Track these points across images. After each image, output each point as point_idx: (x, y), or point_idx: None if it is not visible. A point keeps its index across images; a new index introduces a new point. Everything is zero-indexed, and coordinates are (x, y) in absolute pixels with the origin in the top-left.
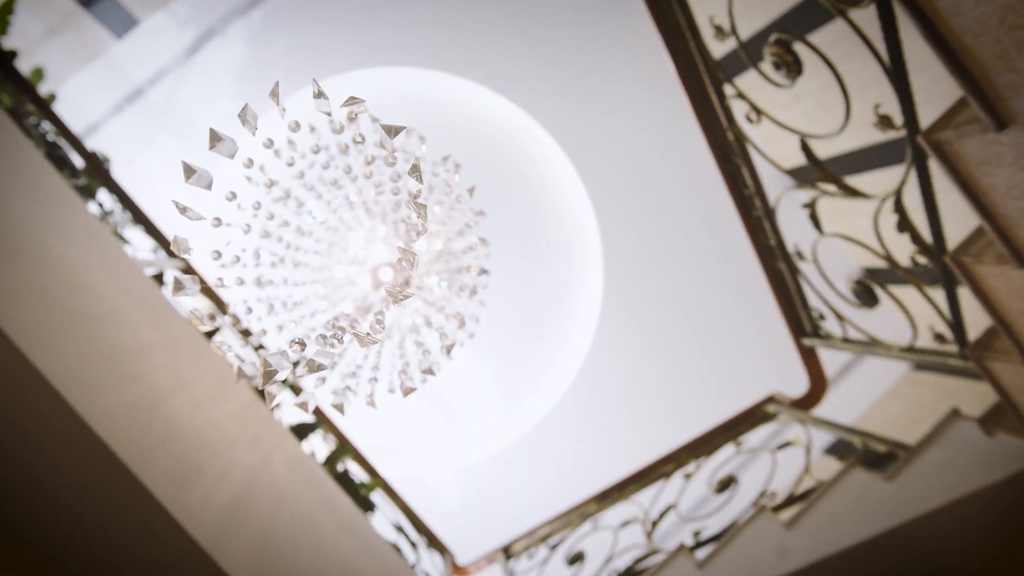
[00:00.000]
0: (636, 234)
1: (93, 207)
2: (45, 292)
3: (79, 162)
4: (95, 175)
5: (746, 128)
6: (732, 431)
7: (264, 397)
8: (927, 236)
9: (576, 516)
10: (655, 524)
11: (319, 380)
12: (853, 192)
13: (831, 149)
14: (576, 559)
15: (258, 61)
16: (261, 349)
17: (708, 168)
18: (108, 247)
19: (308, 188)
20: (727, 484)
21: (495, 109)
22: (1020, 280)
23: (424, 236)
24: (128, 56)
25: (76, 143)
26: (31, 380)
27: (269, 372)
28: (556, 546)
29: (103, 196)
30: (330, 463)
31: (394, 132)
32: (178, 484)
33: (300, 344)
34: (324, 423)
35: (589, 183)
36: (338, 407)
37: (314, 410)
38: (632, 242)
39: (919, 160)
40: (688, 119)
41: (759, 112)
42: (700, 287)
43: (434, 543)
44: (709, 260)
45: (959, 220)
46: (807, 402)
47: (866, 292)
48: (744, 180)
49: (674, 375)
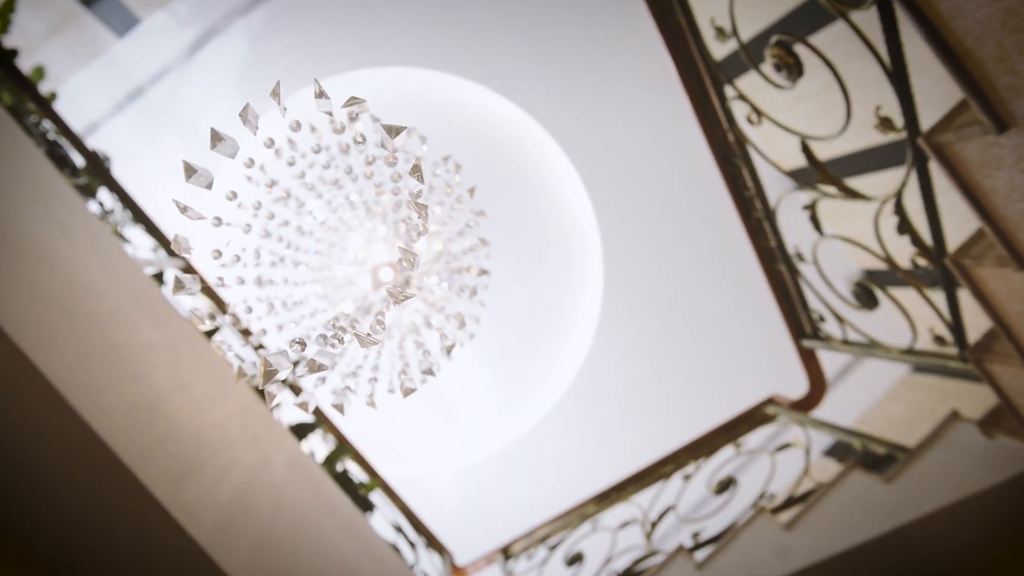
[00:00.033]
0: (636, 234)
1: (93, 206)
2: (45, 291)
3: (80, 161)
4: (96, 174)
5: (747, 129)
6: (731, 432)
7: (264, 397)
8: (927, 238)
9: (575, 517)
10: (654, 525)
11: (319, 380)
12: (853, 194)
13: (832, 151)
14: (575, 560)
15: (259, 60)
16: (261, 349)
17: (708, 169)
18: (108, 246)
19: (309, 188)
20: (726, 485)
21: (495, 109)
22: (1020, 283)
23: (425, 236)
24: (129, 55)
25: (77, 142)
26: (31, 379)
27: (269, 372)
28: (555, 547)
29: (103, 195)
30: (329, 463)
31: (395, 132)
32: (178, 484)
33: (300, 344)
34: (323, 423)
35: (589, 183)
36: (338, 407)
37: (314, 410)
38: (632, 242)
39: (920, 162)
40: (688, 120)
41: (760, 113)
42: (700, 288)
43: (433, 543)
44: (709, 261)
45: (959, 222)
46: (806, 404)
47: (866, 294)
48: (744, 181)
49: (673, 376)
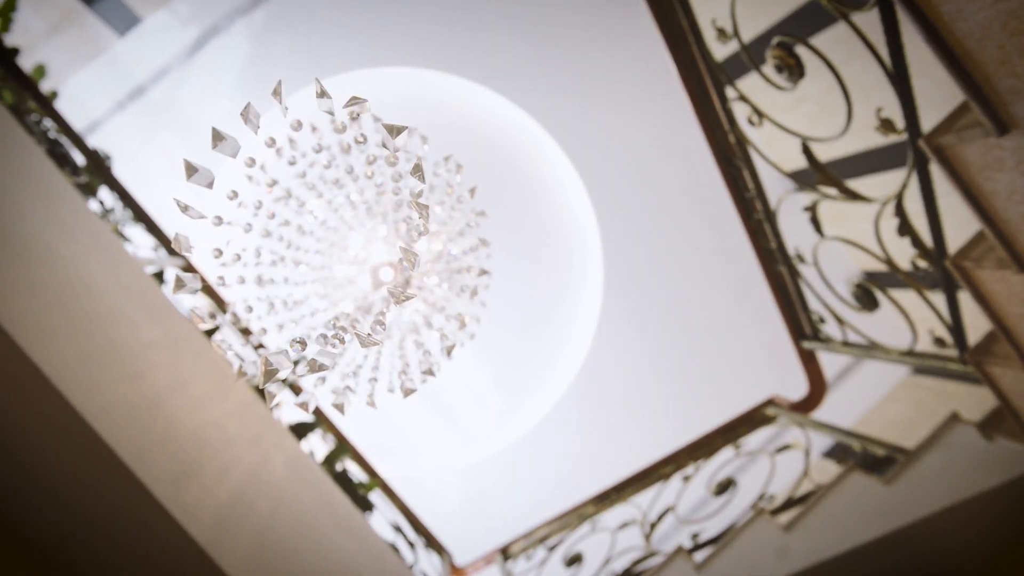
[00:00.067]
0: (636, 235)
1: (94, 205)
2: (45, 290)
3: (80, 160)
4: (96, 173)
5: (748, 131)
6: (731, 433)
7: (264, 396)
8: (928, 240)
9: (574, 517)
10: (653, 526)
11: (319, 380)
12: (854, 195)
13: (832, 152)
14: (574, 560)
15: (260, 60)
16: (261, 348)
17: (709, 170)
18: (109, 245)
19: (309, 187)
20: (726, 487)
21: (495, 109)
22: (1020, 285)
23: (425, 236)
24: (130, 54)
25: (77, 141)
26: (31, 378)
27: (270, 371)
28: (554, 547)
29: (104, 194)
30: (329, 463)
31: (396, 132)
32: (177, 483)
33: (301, 343)
34: (323, 422)
35: (589, 183)
36: (338, 407)
37: (313, 410)
38: (632, 243)
39: (920, 164)
40: (689, 119)
41: (761, 115)
42: (700, 289)
43: (432, 543)
44: (709, 262)
45: (960, 224)
46: (806, 405)
47: (866, 295)
48: (745, 183)
49: (673, 377)
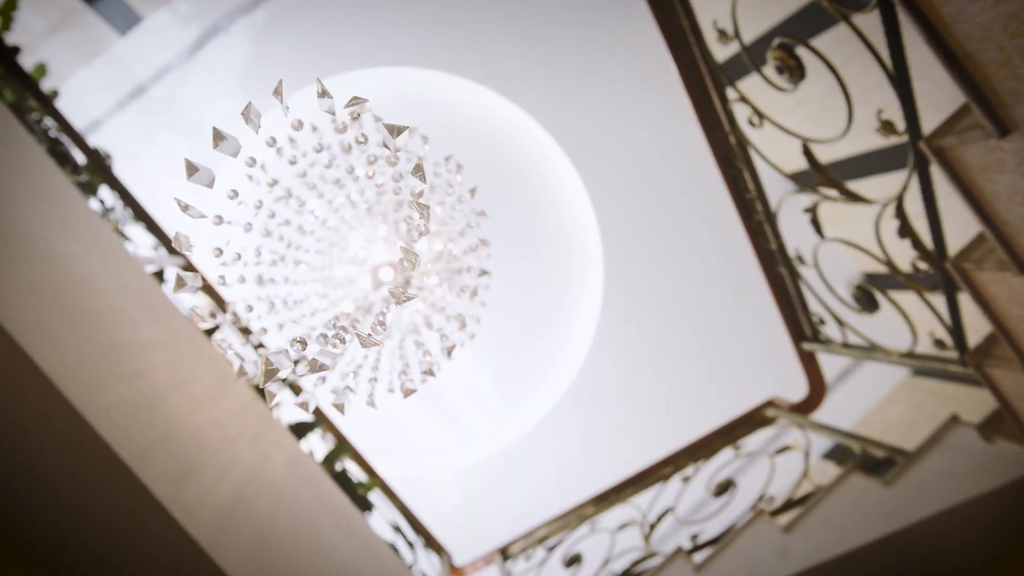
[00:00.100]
0: (636, 235)
1: (94, 204)
2: (46, 288)
3: (81, 158)
4: (97, 172)
5: (748, 132)
6: (731, 435)
7: (264, 396)
8: (928, 242)
9: (574, 518)
10: (653, 527)
11: (319, 379)
12: (855, 197)
13: (833, 154)
14: (573, 561)
15: (261, 59)
16: (261, 348)
17: (709, 170)
18: (109, 244)
19: (310, 187)
20: (725, 488)
21: (495, 109)
22: (1021, 287)
23: (426, 236)
24: (131, 53)
25: (78, 139)
26: (31, 377)
27: (270, 370)
28: (553, 548)
29: (105, 193)
30: (328, 462)
31: (397, 132)
32: (177, 483)
33: (301, 343)
34: (323, 422)
35: (589, 183)
36: (338, 407)
37: (313, 410)
38: (632, 243)
39: (921, 166)
40: (689, 119)
41: (761, 116)
42: (700, 289)
43: (431, 543)
44: (709, 262)
45: (960, 226)
46: (806, 406)
47: (866, 297)
48: (746, 184)
49: (673, 378)
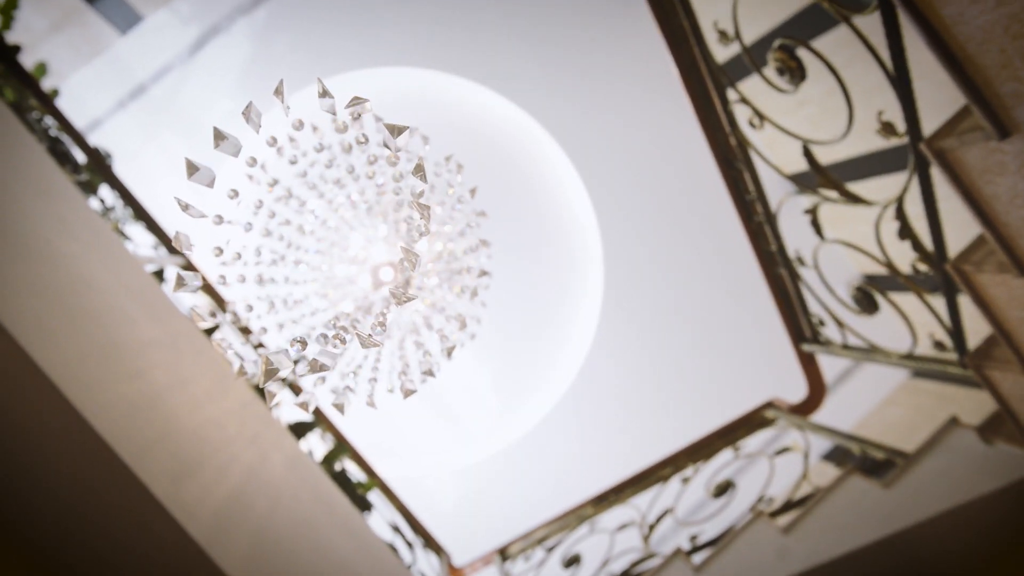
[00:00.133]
0: (636, 235)
1: (95, 203)
2: (46, 287)
3: (81, 158)
4: (97, 171)
5: (749, 133)
6: (730, 436)
7: (263, 395)
8: (928, 244)
9: (573, 519)
10: (652, 528)
11: (319, 379)
12: (855, 198)
13: (833, 155)
14: (572, 562)
15: (261, 59)
16: (261, 347)
17: (709, 171)
18: (109, 243)
19: (310, 187)
20: (725, 489)
21: (495, 109)
22: (1021, 289)
23: (426, 237)
24: (132, 52)
25: (78, 139)
26: (31, 376)
27: (270, 370)
28: (552, 548)
29: (105, 192)
30: (328, 462)
31: (397, 132)
32: (177, 482)
33: (301, 343)
34: (322, 422)
35: (589, 183)
36: (338, 407)
37: (313, 410)
38: (632, 243)
39: (921, 167)
40: (689, 120)
41: (762, 117)
42: (700, 290)
43: (430, 544)
44: (709, 263)
45: (960, 228)
46: (806, 408)
47: (866, 299)
48: (746, 185)
49: (673, 378)
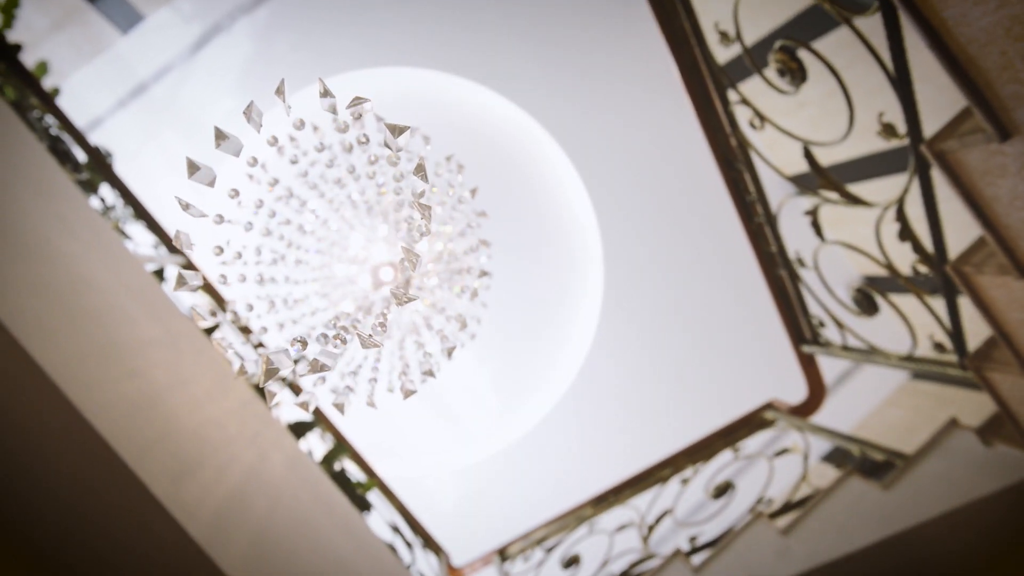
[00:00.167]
0: (636, 236)
1: (95, 202)
2: (46, 287)
3: (82, 157)
4: (98, 170)
5: (749, 134)
6: (730, 437)
7: (263, 395)
8: (928, 245)
9: (572, 519)
10: (651, 529)
11: (319, 379)
12: (855, 200)
13: (834, 156)
14: (571, 562)
15: (262, 59)
16: (261, 347)
17: (710, 171)
18: (109, 242)
19: (311, 187)
20: (724, 490)
21: (495, 109)
22: (1021, 291)
23: (426, 237)
24: (133, 51)
25: (79, 137)
26: (31, 375)
27: (270, 370)
28: (552, 549)
29: (105, 191)
30: (327, 462)
31: (398, 131)
32: (176, 482)
33: (302, 342)
34: (322, 422)
35: (589, 183)
36: (339, 406)
37: (313, 410)
38: (632, 244)
39: (922, 169)
40: (690, 120)
41: (763, 118)
42: (700, 291)
43: (430, 544)
44: (710, 264)
45: (961, 230)
46: (805, 409)
47: (866, 300)
48: (746, 186)
49: (672, 379)
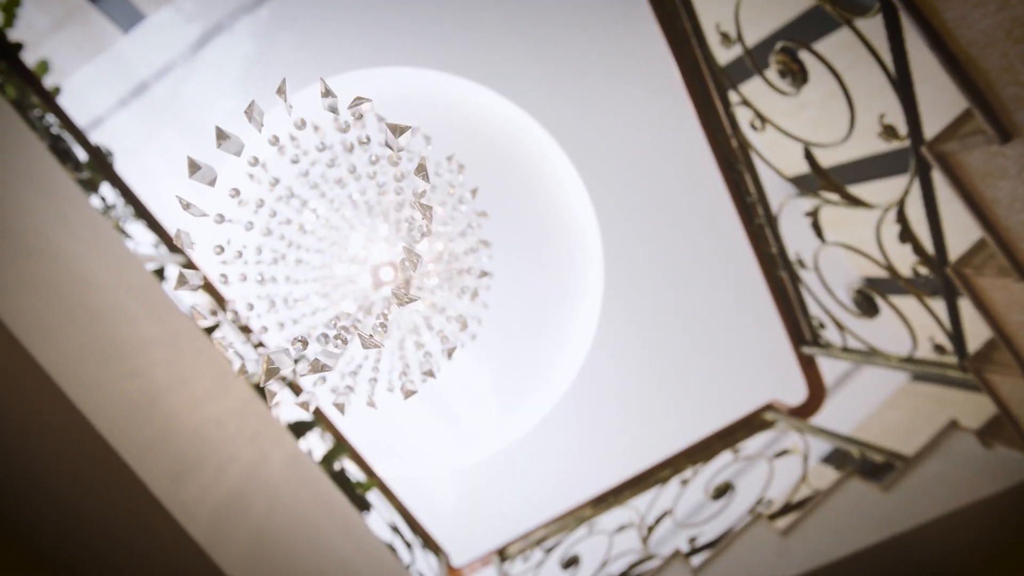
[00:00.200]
0: (637, 236)
1: (95, 201)
2: (46, 285)
3: (82, 155)
4: (98, 169)
5: (750, 135)
6: (730, 438)
7: (263, 394)
8: (929, 247)
9: (572, 520)
10: (651, 529)
11: (319, 379)
12: (856, 201)
13: (835, 158)
14: (571, 563)
15: (263, 58)
16: (261, 346)
17: (710, 172)
18: (110, 241)
19: (312, 186)
20: (724, 491)
21: (495, 109)
22: (1021, 293)
23: (427, 237)
24: (134, 50)
25: (80, 136)
26: (31, 374)
27: (271, 369)
28: (551, 549)
29: (106, 190)
30: (327, 461)
31: (399, 131)
32: (176, 481)
33: (302, 342)
34: (321, 421)
35: (589, 183)
36: (339, 406)
37: (313, 409)
38: (632, 244)
39: (922, 171)
40: (690, 120)
41: (763, 119)
42: (700, 291)
43: (429, 544)
44: (710, 265)
45: (961, 231)
46: (805, 410)
47: (867, 301)
48: (747, 187)
49: (672, 380)
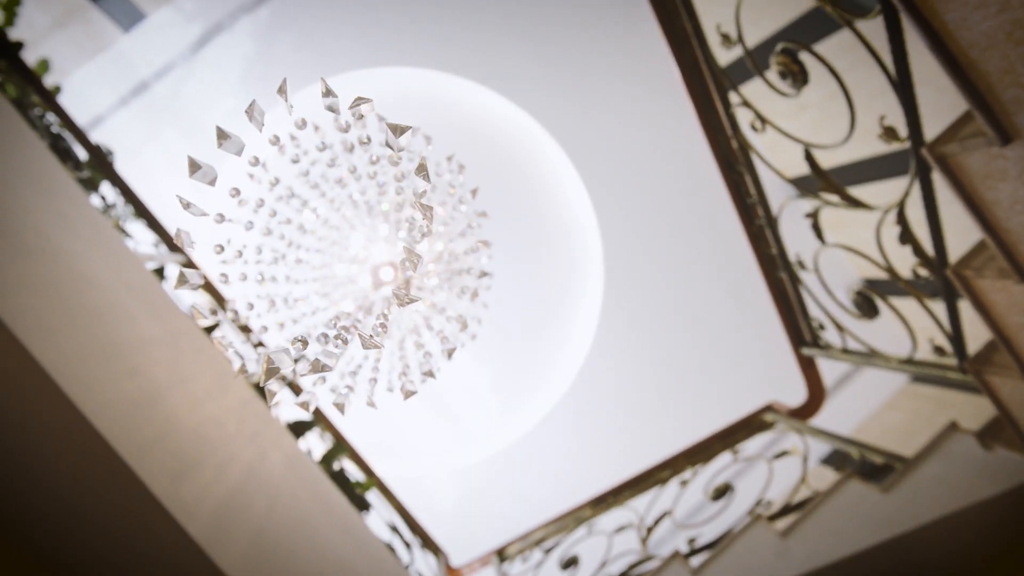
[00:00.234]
0: (636, 236)
1: (96, 200)
2: (46, 284)
3: (83, 155)
4: (98, 168)
5: (750, 136)
6: (729, 439)
7: (263, 394)
8: (929, 248)
9: (571, 520)
10: (650, 530)
11: (319, 379)
12: (856, 203)
13: (835, 159)
14: (570, 563)
15: (264, 58)
16: (261, 346)
17: (710, 173)
18: (110, 240)
19: (312, 186)
20: (723, 492)
21: (495, 109)
22: (1021, 295)
23: (427, 237)
24: (134, 50)
25: (80, 135)
26: (31, 373)
27: (271, 369)
28: (550, 550)
29: (106, 189)
30: (326, 461)
31: (400, 131)
32: (175, 480)
33: (302, 342)
34: (321, 421)
35: (589, 183)
36: (339, 406)
37: (313, 409)
38: (632, 244)
39: (923, 172)
40: (690, 121)
41: (764, 121)
42: (700, 292)
43: (428, 544)
44: (710, 266)
45: (961, 233)
46: (805, 412)
47: (867, 303)
48: (747, 188)
49: (672, 380)
